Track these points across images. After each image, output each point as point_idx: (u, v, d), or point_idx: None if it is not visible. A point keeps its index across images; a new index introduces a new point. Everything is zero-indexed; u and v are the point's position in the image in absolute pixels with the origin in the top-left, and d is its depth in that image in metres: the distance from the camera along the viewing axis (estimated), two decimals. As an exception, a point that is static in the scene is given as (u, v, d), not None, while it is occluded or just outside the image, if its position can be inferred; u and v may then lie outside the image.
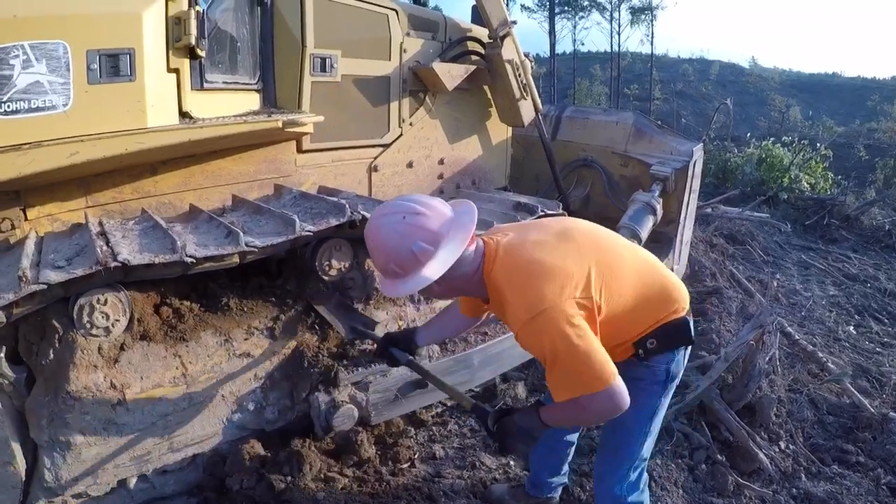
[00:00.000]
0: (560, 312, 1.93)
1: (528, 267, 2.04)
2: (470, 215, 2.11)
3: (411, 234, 1.97)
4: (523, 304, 1.98)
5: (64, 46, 2.48)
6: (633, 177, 6.05)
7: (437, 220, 2.02)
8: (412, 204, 2.04)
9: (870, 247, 10.30)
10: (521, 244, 2.14)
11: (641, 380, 2.28)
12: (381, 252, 2.03)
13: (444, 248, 2.00)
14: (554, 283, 1.98)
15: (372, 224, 2.07)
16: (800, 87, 54.92)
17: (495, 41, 4.71)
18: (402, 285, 2.03)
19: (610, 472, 2.52)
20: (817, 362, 5.38)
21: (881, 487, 3.75)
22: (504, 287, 2.06)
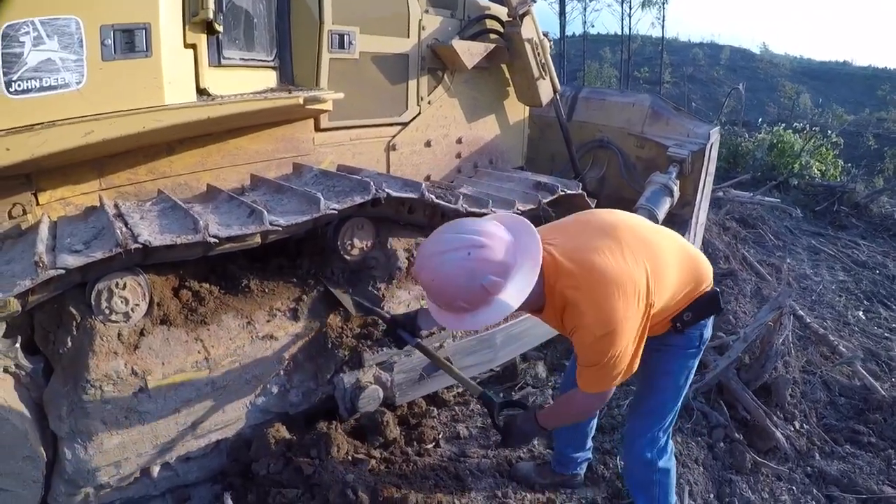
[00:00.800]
0: (631, 330, 2.04)
1: (601, 279, 2.03)
2: (533, 238, 2.02)
3: (480, 270, 1.89)
4: (599, 319, 2.00)
5: (76, 22, 2.37)
6: (649, 158, 6.03)
7: (501, 249, 1.93)
8: (474, 237, 1.93)
9: (878, 234, 10.33)
10: (580, 251, 2.10)
11: (677, 346, 2.43)
12: (447, 291, 1.95)
13: (515, 277, 1.94)
14: (627, 297, 2.01)
15: (432, 262, 1.95)
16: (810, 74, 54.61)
17: (515, 19, 4.65)
18: (471, 319, 1.98)
19: (642, 434, 2.59)
20: (829, 345, 5.40)
21: (892, 467, 3.82)
22: (578, 301, 2.03)
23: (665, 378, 2.48)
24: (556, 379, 4.11)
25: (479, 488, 2.94)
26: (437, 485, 2.88)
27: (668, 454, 2.64)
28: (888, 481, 3.68)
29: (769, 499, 3.39)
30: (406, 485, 2.77)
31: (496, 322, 1.99)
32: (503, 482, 3.04)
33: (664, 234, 2.42)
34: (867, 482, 3.61)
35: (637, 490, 2.76)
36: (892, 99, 39.81)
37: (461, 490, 2.90)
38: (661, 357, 2.42)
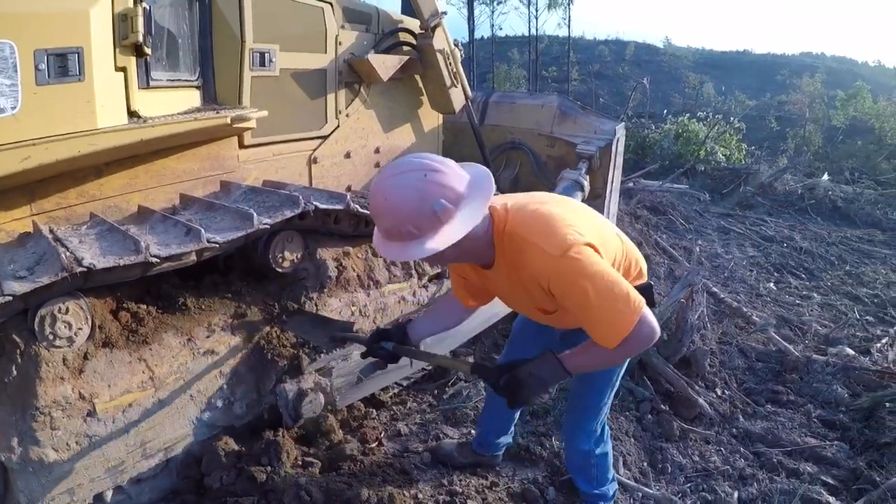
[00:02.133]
0: (587, 247, 1.94)
1: (548, 215, 2.04)
2: (488, 178, 2.00)
3: (433, 193, 1.85)
4: (550, 243, 1.94)
5: (10, 46, 2.38)
6: (560, 156, 6.26)
7: (456, 179, 1.92)
8: (430, 161, 1.92)
9: (784, 210, 10.98)
10: (530, 203, 2.13)
11: None
12: (396, 212, 1.88)
13: (465, 208, 1.91)
14: (573, 228, 1.99)
15: (386, 183, 1.91)
16: (712, 64, 56.79)
17: (427, 31, 4.80)
18: (415, 247, 1.90)
19: (580, 429, 2.72)
20: (743, 316, 5.79)
21: (813, 420, 4.15)
22: (526, 235, 2.00)
23: (599, 375, 2.56)
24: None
25: (425, 479, 3.07)
26: (385, 480, 2.99)
27: (604, 440, 2.79)
28: (810, 433, 4.01)
29: (700, 461, 3.64)
30: (356, 482, 2.87)
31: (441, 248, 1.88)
32: (447, 472, 3.17)
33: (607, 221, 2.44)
34: (790, 436, 3.93)
35: (576, 473, 2.93)
36: (791, 83, 41.90)
37: (409, 482, 3.02)
38: None
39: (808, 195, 11.65)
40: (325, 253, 3.51)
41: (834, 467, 3.70)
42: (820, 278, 7.72)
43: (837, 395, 4.45)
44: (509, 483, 3.15)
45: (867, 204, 11.56)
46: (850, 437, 4.02)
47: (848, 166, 16.61)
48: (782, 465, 3.66)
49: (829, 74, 45.21)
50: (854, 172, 15.34)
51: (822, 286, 7.42)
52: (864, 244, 9.41)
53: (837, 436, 4.04)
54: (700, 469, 3.59)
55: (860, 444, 3.93)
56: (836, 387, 4.54)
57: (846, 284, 7.53)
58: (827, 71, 47.97)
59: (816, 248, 8.81)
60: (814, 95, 34.02)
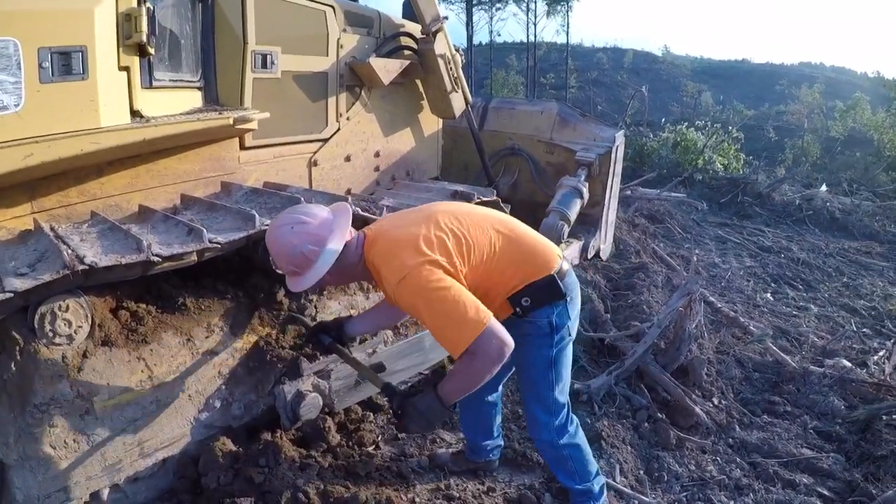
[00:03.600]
0: (421, 271, 2.23)
1: (391, 242, 2.40)
2: (346, 215, 2.51)
3: (301, 239, 2.35)
4: (391, 272, 2.31)
5: (15, 44, 2.37)
6: (559, 163, 6.31)
7: (319, 225, 2.40)
8: (298, 215, 2.43)
9: (781, 221, 11.00)
10: (387, 228, 2.52)
11: (529, 335, 2.57)
12: (280, 257, 2.43)
13: (328, 248, 2.37)
14: (412, 249, 2.30)
15: (269, 236, 2.45)
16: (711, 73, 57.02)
17: (428, 36, 4.82)
18: (302, 281, 2.41)
19: (533, 422, 2.83)
20: (740, 326, 5.80)
21: (809, 431, 4.15)
22: (379, 265, 2.40)
23: (528, 368, 2.70)
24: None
25: (423, 483, 3.09)
26: (382, 483, 3.00)
27: (568, 432, 2.80)
28: (806, 444, 4.02)
29: (696, 470, 3.65)
30: (354, 485, 2.87)
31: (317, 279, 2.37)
32: (444, 476, 3.18)
33: (497, 219, 2.62)
34: (786, 447, 3.94)
35: (555, 469, 2.96)
36: (789, 93, 42.11)
37: (406, 486, 3.04)
38: (520, 349, 2.46)
39: (806, 206, 11.68)
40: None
41: (830, 479, 3.71)
42: (817, 290, 7.74)
43: (834, 407, 4.47)
44: (506, 488, 3.16)
45: (865, 216, 11.60)
46: (847, 449, 4.03)
47: (846, 178, 16.66)
48: (778, 475, 3.67)
49: (828, 85, 45.42)
50: (852, 184, 15.40)
51: (820, 298, 7.44)
52: (862, 256, 9.45)
53: (833, 447, 4.05)
54: (696, 478, 3.60)
55: (856, 457, 3.95)
56: (833, 398, 4.56)
57: (843, 296, 7.55)
58: (826, 81, 48.20)
59: (814, 260, 8.83)
60: (812, 106, 34.19)
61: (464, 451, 3.32)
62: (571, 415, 2.83)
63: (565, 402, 2.77)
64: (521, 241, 2.56)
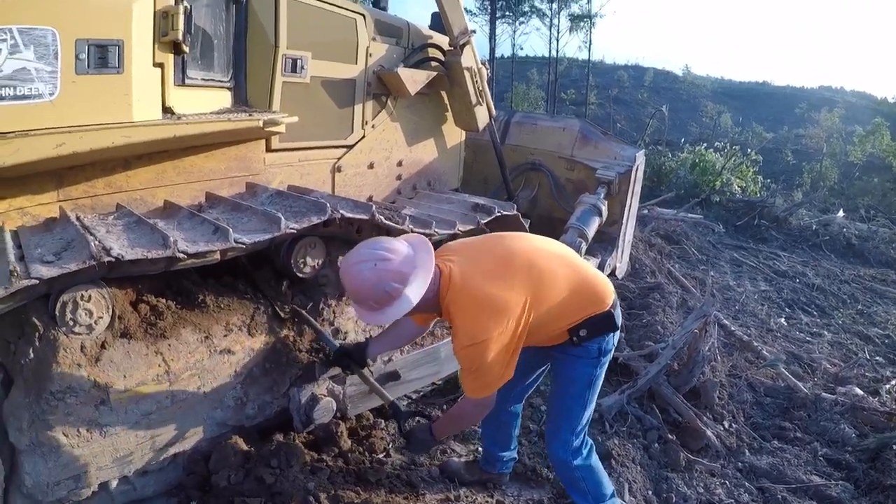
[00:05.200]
0: (497, 345, 2.37)
1: (477, 301, 2.42)
2: (428, 252, 2.47)
3: (383, 278, 2.33)
4: (469, 332, 2.39)
5: (53, 33, 2.40)
6: (579, 180, 6.31)
7: (401, 262, 2.37)
8: (380, 251, 2.39)
9: (797, 245, 10.94)
10: (471, 275, 2.50)
11: (577, 357, 2.73)
12: (359, 293, 2.40)
13: (411, 285, 2.36)
14: (496, 320, 2.37)
15: (348, 271, 2.41)
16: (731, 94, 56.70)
17: (455, 49, 4.84)
18: (380, 316, 2.42)
19: (555, 436, 2.87)
20: (753, 350, 5.77)
21: (819, 458, 4.14)
22: (455, 314, 2.46)
23: (569, 384, 2.79)
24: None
25: (432, 492, 3.09)
26: (392, 491, 3.01)
27: (583, 454, 2.87)
28: (815, 471, 4.00)
29: (704, 493, 3.63)
30: (364, 491, 2.89)
31: (398, 317, 2.42)
32: (454, 486, 3.18)
33: (564, 260, 2.71)
34: (795, 473, 3.91)
35: (569, 488, 3.00)
36: (809, 117, 41.84)
37: (416, 495, 3.04)
38: (564, 365, 2.78)
39: (823, 231, 11.63)
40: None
41: (838, 507, 3.68)
42: (831, 316, 7.69)
43: (844, 435, 4.44)
44: (515, 503, 3.15)
45: (881, 243, 11.53)
46: (856, 477, 4.01)
47: (864, 203, 16.58)
48: (786, 501, 3.65)
49: (847, 109, 45.08)
50: (869, 210, 15.30)
51: (834, 324, 7.40)
52: (878, 283, 9.39)
53: (843, 475, 4.02)
54: (704, 501, 3.58)
55: (865, 485, 3.92)
56: (844, 426, 4.54)
57: (857, 324, 7.50)
58: (846, 106, 47.81)
59: (829, 286, 8.77)
60: (831, 130, 33.99)
61: (477, 460, 3.34)
62: (587, 438, 2.90)
63: (587, 425, 2.86)
64: (585, 279, 2.68)
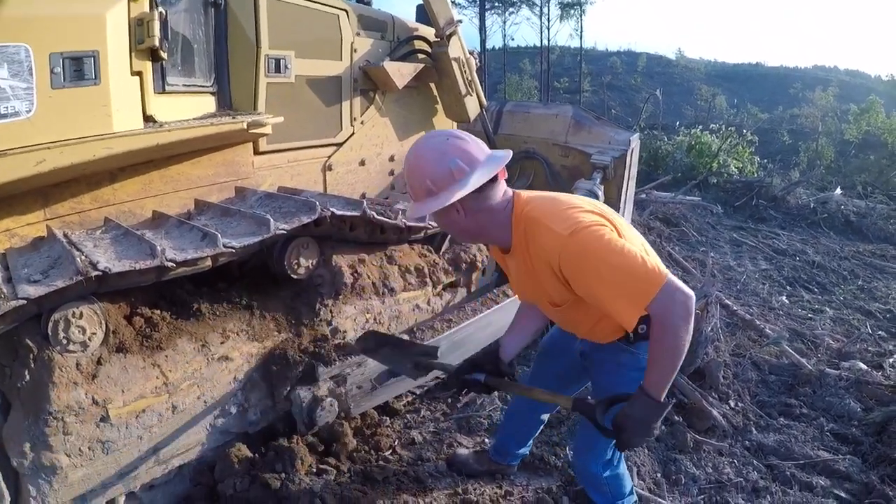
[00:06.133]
0: (595, 228, 1.99)
1: (565, 200, 2.18)
2: (505, 154, 2.19)
3: (450, 153, 2.06)
4: (563, 223, 2.03)
5: (26, 49, 2.36)
6: (574, 166, 6.26)
7: (475, 148, 2.11)
8: (456, 131, 2.18)
9: (796, 224, 10.94)
10: (546, 195, 2.26)
11: (626, 367, 2.36)
12: (420, 168, 2.10)
13: (477, 172, 2.07)
14: (584, 214, 2.07)
15: (417, 145, 2.16)
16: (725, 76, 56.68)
17: (442, 40, 4.82)
18: (432, 201, 2.09)
19: (588, 449, 2.66)
20: (756, 329, 5.75)
21: (825, 434, 4.12)
22: (539, 216, 2.12)
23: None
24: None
25: (439, 488, 3.06)
26: (399, 488, 2.97)
27: (615, 464, 2.68)
28: (822, 446, 3.98)
29: (713, 473, 3.61)
30: (371, 490, 2.86)
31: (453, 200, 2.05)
32: (461, 480, 3.15)
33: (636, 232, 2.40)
34: (803, 449, 3.90)
35: (589, 489, 2.85)
36: (804, 96, 41.87)
37: (424, 491, 3.01)
38: (610, 378, 2.40)
39: (821, 209, 11.59)
40: (340, 260, 3.49)
41: (847, 481, 3.67)
42: (832, 292, 7.66)
43: (850, 409, 4.42)
44: (524, 492, 3.13)
45: (880, 219, 11.49)
46: (863, 451, 3.99)
47: (860, 181, 16.50)
48: (795, 478, 3.62)
49: (841, 88, 45.13)
50: (867, 187, 15.23)
51: (835, 300, 7.37)
52: (877, 259, 9.35)
53: (850, 450, 4.00)
54: (713, 481, 3.56)
55: (873, 459, 3.90)
56: (849, 401, 4.51)
57: (858, 299, 7.47)
58: (840, 84, 47.86)
59: (829, 263, 8.74)
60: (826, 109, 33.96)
61: (486, 450, 3.29)
62: None
63: None
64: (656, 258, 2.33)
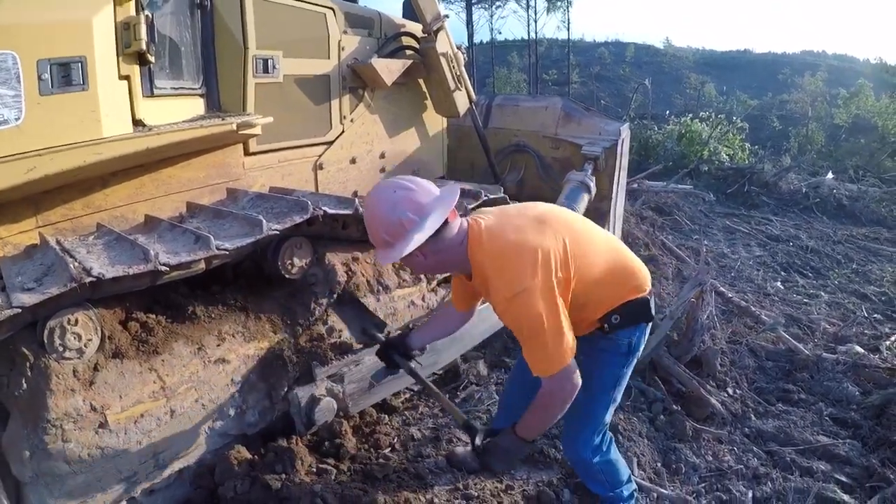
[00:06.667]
0: (537, 293, 2.13)
1: (509, 249, 2.22)
2: (453, 193, 2.27)
3: (400, 205, 2.14)
4: (505, 284, 2.18)
5: (13, 57, 2.36)
6: (565, 158, 6.27)
7: (423, 195, 2.19)
8: (404, 181, 2.23)
9: (789, 209, 10.98)
10: (502, 228, 2.31)
11: (605, 351, 2.55)
12: (374, 221, 2.20)
13: (429, 219, 2.15)
14: (532, 264, 2.16)
15: (369, 198, 2.26)
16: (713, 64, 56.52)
17: (429, 35, 4.81)
18: (391, 252, 2.19)
19: (575, 436, 2.74)
20: (751, 316, 5.79)
21: (824, 418, 4.14)
22: (488, 268, 2.24)
23: (593, 383, 2.52)
24: (497, 375, 4.25)
25: (440, 483, 3.05)
26: (400, 485, 2.97)
27: (604, 450, 2.75)
28: (822, 431, 4.01)
29: (713, 461, 3.64)
30: (371, 488, 2.85)
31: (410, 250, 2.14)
32: (462, 476, 3.14)
33: (602, 232, 2.57)
34: (802, 434, 3.93)
35: (585, 478, 2.93)
36: (792, 82, 41.78)
37: (424, 487, 3.00)
38: (589, 362, 2.47)
39: (813, 194, 11.63)
40: (334, 258, 3.48)
41: (847, 465, 3.69)
42: (827, 277, 7.70)
43: (848, 393, 4.45)
44: (524, 486, 3.13)
45: (872, 202, 11.54)
46: (862, 434, 4.02)
47: (852, 164, 16.54)
48: (795, 463, 3.65)
49: (830, 73, 45.11)
50: (858, 171, 15.29)
51: (830, 285, 7.41)
52: (870, 242, 9.40)
53: (849, 434, 4.03)
54: (714, 469, 3.58)
55: (872, 442, 3.93)
56: (847, 385, 4.55)
57: (853, 283, 7.51)
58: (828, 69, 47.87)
59: (822, 247, 8.79)
60: (816, 94, 33.95)
61: None
62: (608, 433, 2.80)
63: (608, 423, 2.75)
64: (624, 258, 2.51)
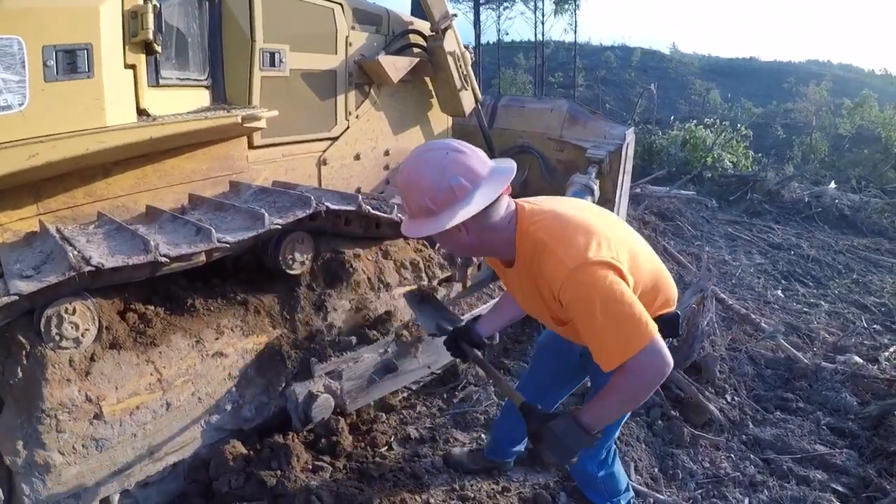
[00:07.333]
0: (601, 267, 1.87)
1: (571, 223, 2.01)
2: (510, 167, 2.01)
3: (452, 169, 1.89)
4: (565, 255, 1.90)
5: (19, 42, 2.34)
6: (569, 160, 6.24)
7: (478, 162, 1.94)
8: (455, 143, 1.98)
9: (791, 218, 10.96)
10: (559, 206, 2.12)
11: None
12: (419, 186, 1.92)
13: (480, 189, 1.91)
14: (596, 240, 1.93)
15: (413, 159, 1.98)
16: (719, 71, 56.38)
17: (437, 33, 4.80)
18: (432, 223, 1.92)
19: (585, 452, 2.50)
20: (751, 323, 5.77)
21: (822, 428, 4.12)
22: (546, 239, 1.97)
23: None
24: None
25: (437, 484, 3.05)
26: (396, 484, 2.96)
27: (608, 464, 2.69)
28: (819, 440, 3.99)
29: (710, 467, 3.62)
30: (367, 487, 2.84)
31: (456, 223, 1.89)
32: (458, 476, 3.14)
33: (643, 239, 2.35)
34: (800, 443, 3.91)
35: (584, 488, 2.87)
36: (797, 91, 41.69)
37: (420, 487, 3.00)
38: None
39: (815, 203, 11.60)
40: (335, 255, 3.47)
41: (844, 475, 3.68)
42: (827, 286, 7.67)
43: (846, 403, 4.43)
44: (521, 488, 3.12)
45: (874, 213, 11.50)
46: (860, 444, 4.00)
47: (855, 175, 16.50)
48: (792, 472, 3.63)
49: (835, 82, 45.00)
50: (860, 181, 15.25)
51: (830, 294, 7.38)
52: (871, 253, 9.37)
53: (846, 443, 4.01)
54: (711, 475, 3.56)
55: (869, 452, 3.91)
56: (845, 395, 4.52)
57: (853, 293, 7.48)
58: (833, 79, 47.73)
59: (823, 257, 8.76)
60: (820, 103, 33.85)
61: (481, 448, 3.28)
62: (614, 446, 2.72)
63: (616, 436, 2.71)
64: (662, 270, 2.28)
